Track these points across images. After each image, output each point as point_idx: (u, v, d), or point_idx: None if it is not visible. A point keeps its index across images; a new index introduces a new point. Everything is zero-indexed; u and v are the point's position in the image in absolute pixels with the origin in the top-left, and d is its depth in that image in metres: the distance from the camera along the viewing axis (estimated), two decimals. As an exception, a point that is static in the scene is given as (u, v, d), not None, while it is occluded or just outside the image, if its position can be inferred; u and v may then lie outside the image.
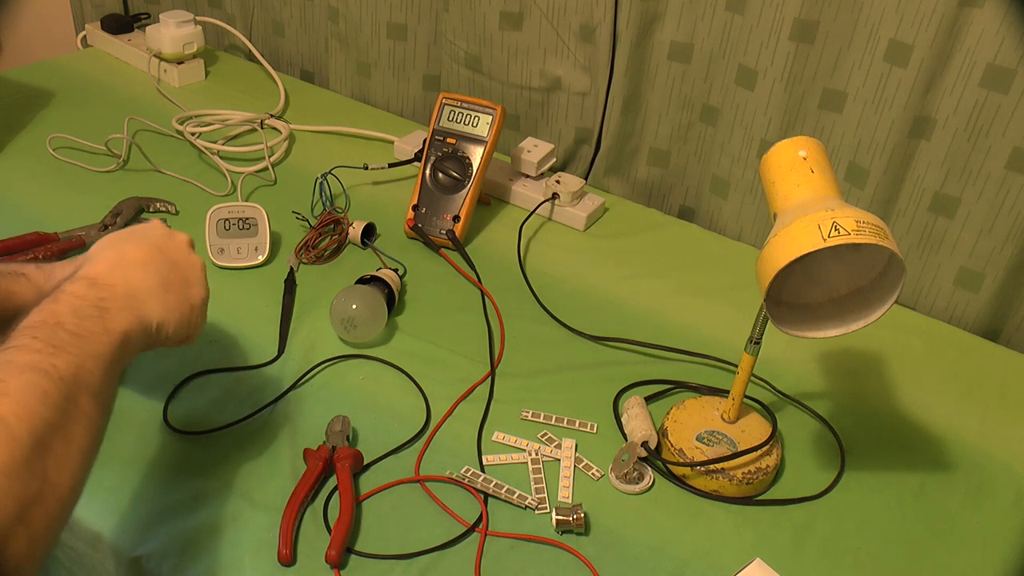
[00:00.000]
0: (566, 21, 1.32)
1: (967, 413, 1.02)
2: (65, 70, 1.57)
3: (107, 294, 0.70)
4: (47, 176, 1.28)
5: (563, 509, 0.83)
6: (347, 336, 1.02)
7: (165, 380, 0.95)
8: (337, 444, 0.87)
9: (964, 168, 1.10)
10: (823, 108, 1.19)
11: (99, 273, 0.71)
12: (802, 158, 0.80)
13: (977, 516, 0.90)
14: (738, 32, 1.20)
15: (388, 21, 1.47)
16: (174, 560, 0.78)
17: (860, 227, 0.73)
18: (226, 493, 0.84)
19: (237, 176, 1.30)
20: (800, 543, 0.85)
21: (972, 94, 1.06)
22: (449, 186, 1.22)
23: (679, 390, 1.01)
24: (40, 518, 0.55)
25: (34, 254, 1.09)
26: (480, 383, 1.00)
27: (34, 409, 0.57)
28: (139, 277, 0.74)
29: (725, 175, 1.30)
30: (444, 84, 1.49)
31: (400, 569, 0.79)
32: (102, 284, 0.70)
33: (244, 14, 1.67)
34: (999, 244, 1.12)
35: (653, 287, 1.18)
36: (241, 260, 1.14)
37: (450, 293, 1.14)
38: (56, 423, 0.58)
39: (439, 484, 0.87)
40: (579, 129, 1.39)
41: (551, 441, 0.93)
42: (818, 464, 0.94)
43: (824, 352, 1.08)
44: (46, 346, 0.61)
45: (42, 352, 0.60)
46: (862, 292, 0.82)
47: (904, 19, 1.07)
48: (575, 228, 1.29)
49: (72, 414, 0.60)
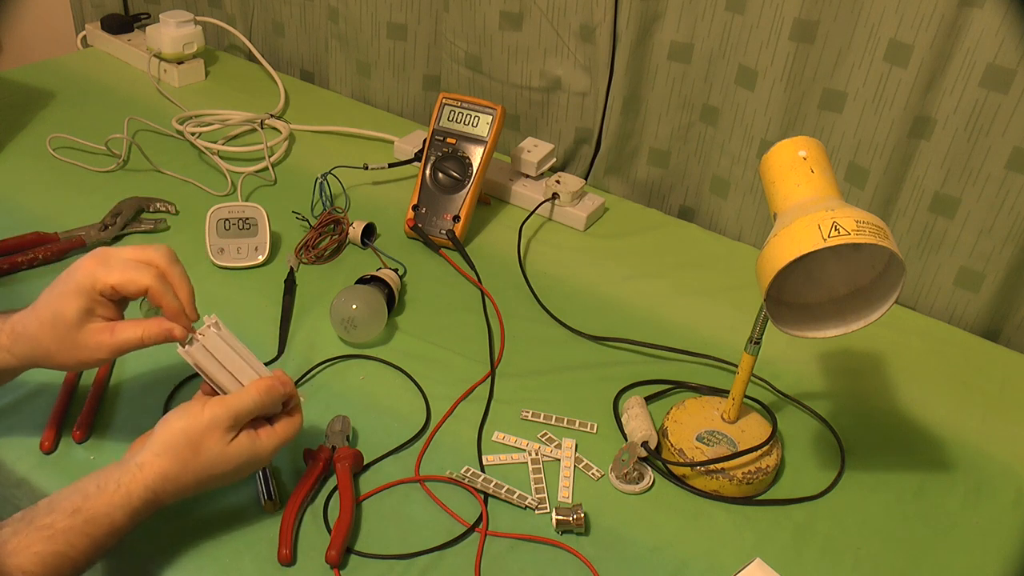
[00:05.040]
0: (566, 21, 1.32)
1: (967, 413, 1.02)
2: (65, 70, 1.57)
3: (152, 504, 0.73)
4: (47, 176, 1.28)
5: (563, 509, 0.83)
6: (347, 336, 1.02)
7: (165, 380, 0.95)
8: (337, 444, 0.87)
9: (964, 168, 1.10)
10: (823, 108, 1.19)
11: (160, 486, 0.73)
12: (802, 158, 0.80)
13: (977, 516, 0.90)
14: (738, 32, 1.20)
15: (388, 21, 1.47)
16: (174, 560, 0.78)
17: (860, 227, 0.73)
18: (226, 493, 0.84)
19: (237, 176, 1.30)
20: (800, 543, 0.85)
21: (972, 94, 1.06)
22: (449, 186, 1.22)
23: (679, 390, 1.01)
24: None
25: (34, 254, 1.09)
26: (480, 383, 1.00)
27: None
28: (187, 489, 0.75)
29: (725, 175, 1.30)
30: (444, 84, 1.49)
31: (400, 569, 0.79)
32: (155, 500, 0.73)
33: (244, 14, 1.67)
34: (999, 244, 1.12)
35: (653, 287, 1.18)
36: (241, 260, 1.14)
37: (450, 293, 1.14)
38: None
39: (439, 484, 0.87)
40: (579, 129, 1.39)
41: (551, 441, 0.93)
42: (818, 464, 0.94)
43: (824, 352, 1.08)
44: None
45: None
46: (862, 292, 0.82)
47: (904, 19, 1.07)
48: (575, 228, 1.29)
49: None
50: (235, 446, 0.75)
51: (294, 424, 0.80)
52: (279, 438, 0.79)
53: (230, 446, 0.75)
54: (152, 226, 1.18)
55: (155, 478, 0.72)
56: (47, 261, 1.10)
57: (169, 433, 0.74)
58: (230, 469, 0.75)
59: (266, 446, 0.77)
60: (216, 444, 0.74)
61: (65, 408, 0.90)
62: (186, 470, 0.73)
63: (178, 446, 0.73)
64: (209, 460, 0.74)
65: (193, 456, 0.73)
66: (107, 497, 0.71)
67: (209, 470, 0.74)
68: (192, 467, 0.74)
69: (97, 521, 0.70)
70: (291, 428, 0.80)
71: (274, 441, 0.78)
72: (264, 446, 0.77)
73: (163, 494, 0.73)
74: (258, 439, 0.77)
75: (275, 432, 0.79)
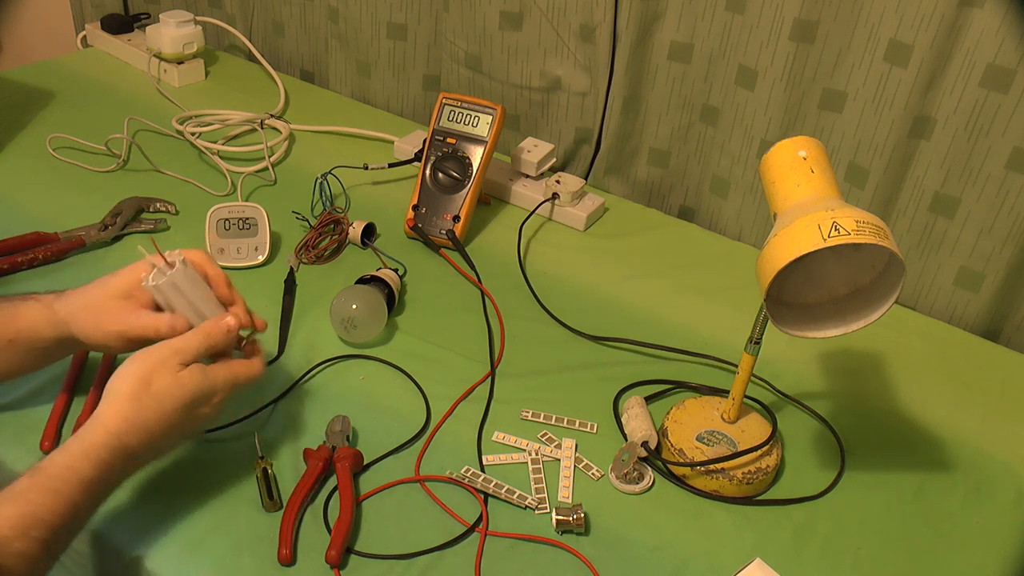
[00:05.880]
0: (566, 21, 1.32)
1: (967, 413, 1.02)
2: (65, 70, 1.57)
3: (120, 451, 0.73)
4: (47, 176, 1.28)
5: (563, 509, 0.83)
6: (347, 336, 1.02)
7: (165, 380, 0.95)
8: (337, 444, 0.87)
9: (964, 168, 1.10)
10: (823, 108, 1.19)
11: (120, 428, 0.74)
12: (802, 158, 0.80)
13: (977, 516, 0.90)
14: (738, 32, 1.20)
15: (388, 21, 1.47)
16: (174, 560, 0.78)
17: (860, 227, 0.73)
18: (226, 493, 0.84)
19: (237, 176, 1.30)
20: (800, 543, 0.85)
21: (972, 94, 1.06)
22: (449, 186, 1.22)
23: (679, 390, 1.01)
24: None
25: (34, 254, 1.09)
26: (480, 383, 1.00)
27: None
28: (151, 429, 0.75)
29: (725, 175, 1.30)
30: (444, 84, 1.49)
31: (400, 569, 0.79)
32: (121, 447, 0.73)
33: (244, 14, 1.67)
34: (999, 244, 1.12)
35: (653, 287, 1.18)
36: (241, 260, 1.14)
37: (450, 293, 1.14)
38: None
39: (439, 484, 0.87)
40: (579, 129, 1.39)
41: (551, 441, 0.93)
42: (818, 464, 0.94)
43: (824, 352, 1.08)
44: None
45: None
46: (862, 292, 0.82)
47: (904, 19, 1.07)
48: (575, 228, 1.29)
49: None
50: (186, 374, 0.77)
51: (250, 365, 0.82)
52: (231, 371, 0.80)
53: (180, 374, 0.76)
54: (152, 226, 1.18)
55: (114, 420, 0.73)
56: (47, 261, 1.10)
57: (120, 379, 0.76)
58: (187, 399, 0.76)
59: (218, 374, 0.79)
60: (166, 376, 0.76)
61: (65, 408, 0.90)
62: (142, 407, 0.74)
63: (131, 387, 0.75)
64: (161, 391, 0.75)
65: (145, 391, 0.75)
66: (67, 451, 0.71)
67: (166, 403, 0.75)
68: (147, 403, 0.74)
69: (61, 476, 0.70)
70: (245, 367, 0.82)
71: (225, 372, 0.80)
72: (216, 374, 0.79)
73: (127, 437, 0.73)
74: (209, 369, 0.79)
75: (228, 365, 0.81)
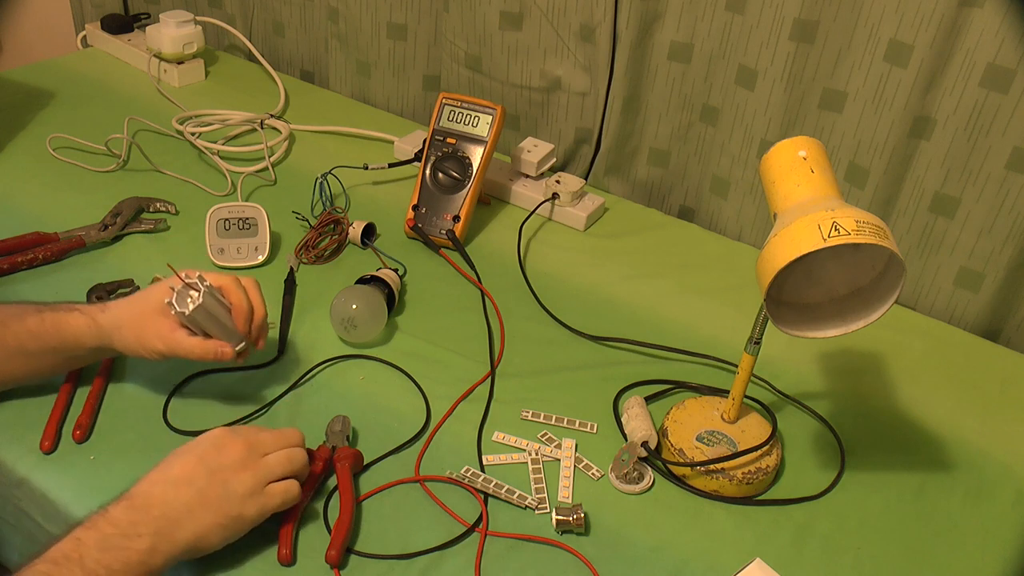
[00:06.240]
0: (566, 21, 1.32)
1: (967, 413, 1.02)
2: (65, 70, 1.57)
3: (141, 517, 0.71)
4: (47, 176, 1.28)
5: (563, 509, 0.83)
6: (347, 336, 1.02)
7: (165, 380, 0.95)
8: (337, 444, 0.87)
9: (964, 168, 1.10)
10: (823, 108, 1.19)
11: (139, 492, 0.73)
12: (802, 158, 0.80)
13: (977, 516, 0.90)
14: (738, 32, 1.20)
15: (388, 21, 1.47)
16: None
17: (860, 227, 0.73)
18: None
19: (237, 176, 1.30)
20: (800, 543, 0.85)
21: (972, 94, 1.06)
22: (449, 186, 1.22)
23: (679, 390, 1.01)
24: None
25: (34, 254, 1.09)
26: (480, 383, 1.00)
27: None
28: (178, 497, 0.73)
29: (725, 175, 1.30)
30: (444, 84, 1.49)
31: (400, 569, 0.79)
32: (139, 506, 0.72)
33: (244, 14, 1.67)
34: (999, 244, 1.12)
35: (653, 287, 1.18)
36: (241, 260, 1.14)
37: (450, 293, 1.14)
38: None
39: (439, 484, 0.87)
40: (579, 129, 1.39)
41: (551, 441, 0.93)
42: (818, 464, 0.94)
43: (824, 352, 1.08)
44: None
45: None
46: (862, 292, 0.82)
47: (904, 19, 1.07)
48: (575, 228, 1.29)
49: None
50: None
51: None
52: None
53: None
54: (152, 226, 1.18)
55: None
56: (47, 261, 1.10)
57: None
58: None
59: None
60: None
61: (65, 408, 0.90)
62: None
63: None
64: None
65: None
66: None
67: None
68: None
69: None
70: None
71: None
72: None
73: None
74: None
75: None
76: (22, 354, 0.86)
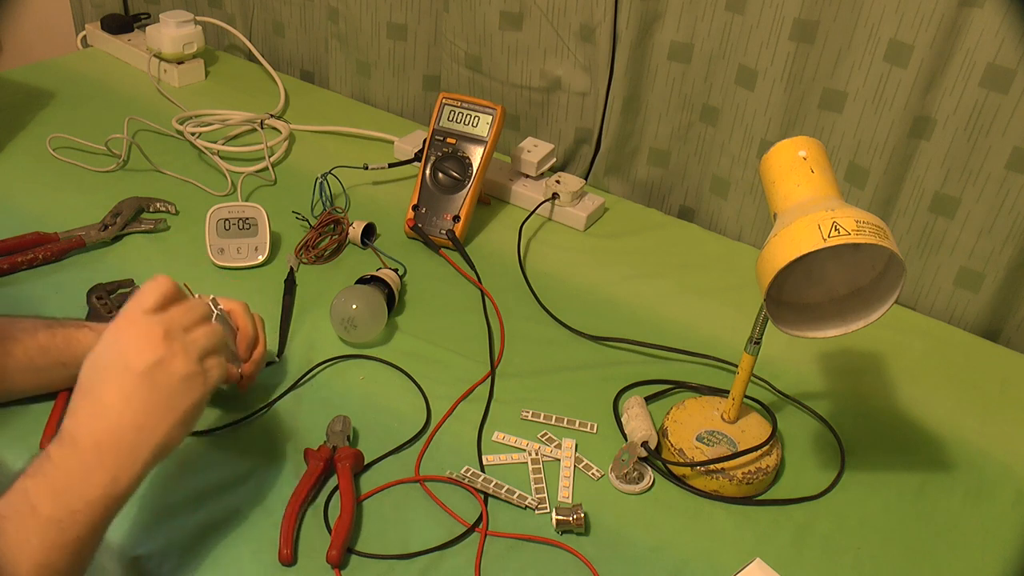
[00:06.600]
0: (566, 21, 1.32)
1: (967, 413, 1.02)
2: (65, 70, 1.57)
3: (92, 457, 0.68)
4: (47, 176, 1.28)
5: (563, 509, 0.83)
6: (347, 336, 1.02)
7: (165, 380, 0.95)
8: (338, 444, 0.87)
9: (964, 168, 1.10)
10: (823, 108, 1.19)
11: (82, 433, 0.69)
12: (802, 158, 0.80)
13: (977, 516, 0.90)
14: (738, 32, 1.20)
15: (388, 21, 1.47)
16: (174, 560, 0.78)
17: (860, 227, 0.73)
18: (226, 493, 0.84)
19: (237, 176, 1.30)
20: (800, 543, 0.85)
21: (972, 94, 1.06)
22: (449, 186, 1.22)
23: (679, 390, 1.01)
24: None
25: (34, 254, 1.09)
26: (480, 383, 1.00)
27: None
28: (122, 422, 0.69)
29: (725, 175, 1.30)
30: (444, 84, 1.49)
31: (400, 569, 0.79)
32: (88, 447, 0.68)
33: (244, 14, 1.67)
34: (999, 244, 1.12)
35: (653, 287, 1.18)
36: (241, 260, 1.14)
37: (450, 293, 1.14)
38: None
39: (439, 484, 0.87)
40: (579, 129, 1.39)
41: (551, 441, 0.93)
42: (818, 464, 0.94)
43: (824, 352, 1.08)
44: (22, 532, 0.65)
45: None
46: (862, 292, 0.82)
47: (904, 19, 1.07)
48: (575, 228, 1.29)
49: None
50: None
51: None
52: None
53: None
54: (152, 226, 1.18)
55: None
56: (47, 261, 1.10)
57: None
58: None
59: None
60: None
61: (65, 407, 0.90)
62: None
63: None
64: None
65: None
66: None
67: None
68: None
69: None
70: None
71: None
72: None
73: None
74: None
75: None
76: (31, 369, 0.86)
